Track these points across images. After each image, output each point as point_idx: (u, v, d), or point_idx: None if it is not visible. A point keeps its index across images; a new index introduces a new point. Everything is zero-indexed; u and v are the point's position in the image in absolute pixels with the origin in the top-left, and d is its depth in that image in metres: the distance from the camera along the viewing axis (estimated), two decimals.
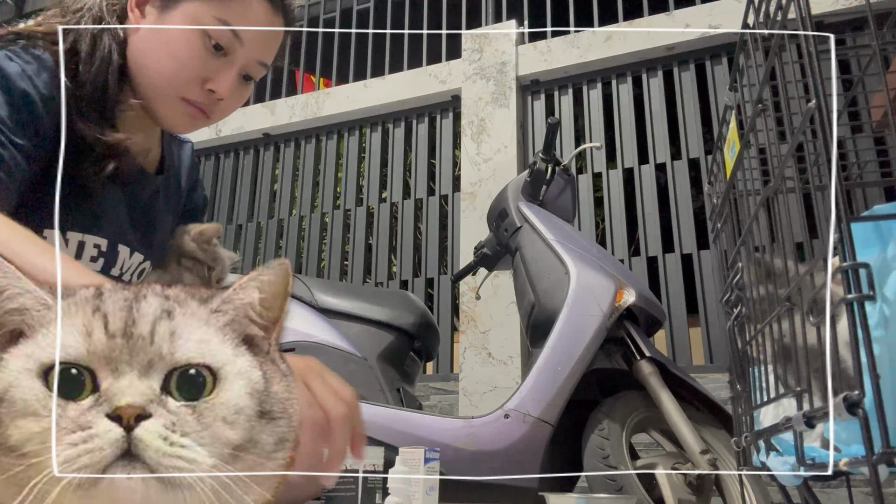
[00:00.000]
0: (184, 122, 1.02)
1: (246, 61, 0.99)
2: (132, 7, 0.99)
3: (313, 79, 4.82)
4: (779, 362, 0.83)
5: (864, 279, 0.57)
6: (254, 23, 0.98)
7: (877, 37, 0.76)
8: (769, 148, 0.90)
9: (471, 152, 3.71)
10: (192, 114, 1.00)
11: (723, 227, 1.16)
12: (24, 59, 0.90)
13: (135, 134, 1.02)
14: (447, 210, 3.95)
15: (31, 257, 0.71)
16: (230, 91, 0.99)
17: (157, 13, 0.97)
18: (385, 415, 1.67)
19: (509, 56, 3.78)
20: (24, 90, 0.88)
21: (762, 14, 0.86)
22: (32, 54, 0.92)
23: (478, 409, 3.17)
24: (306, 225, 4.33)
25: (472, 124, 3.75)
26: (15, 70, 0.89)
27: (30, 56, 0.91)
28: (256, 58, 1.01)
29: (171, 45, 0.95)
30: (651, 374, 1.61)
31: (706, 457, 1.46)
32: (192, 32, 0.94)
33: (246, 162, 4.63)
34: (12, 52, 0.91)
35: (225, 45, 0.96)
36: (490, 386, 3.24)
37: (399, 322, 1.99)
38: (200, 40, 0.95)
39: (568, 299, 1.69)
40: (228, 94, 0.99)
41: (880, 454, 0.55)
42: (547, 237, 1.83)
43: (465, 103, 3.82)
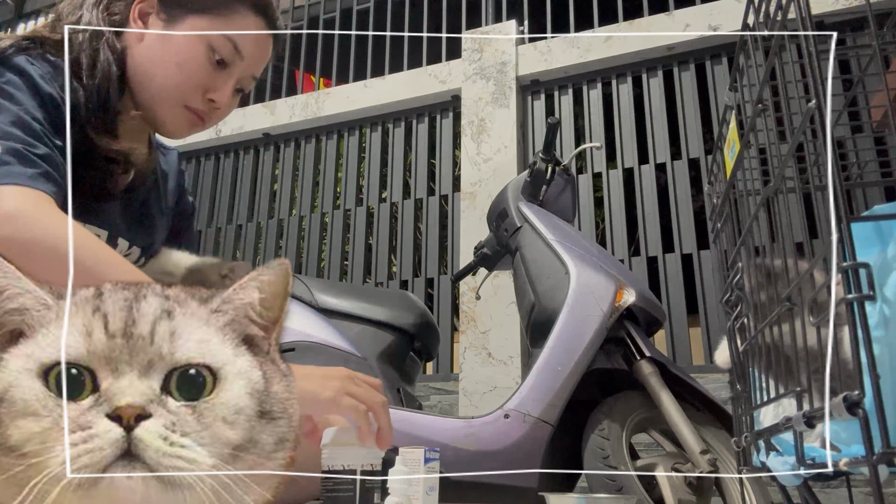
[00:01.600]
0: (183, 129, 1.10)
1: (242, 74, 1.09)
2: (135, 18, 1.04)
3: (313, 79, 4.82)
4: (779, 362, 0.83)
5: (864, 279, 0.57)
6: (252, 40, 1.07)
7: (877, 37, 0.76)
8: (769, 148, 0.90)
9: (471, 152, 3.71)
10: (192, 121, 1.08)
11: (723, 227, 1.16)
12: (43, 65, 0.95)
13: (134, 142, 1.08)
14: (447, 210, 3.95)
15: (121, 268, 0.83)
16: (228, 102, 1.09)
17: (162, 25, 1.04)
18: None
19: (509, 56, 3.78)
20: (51, 93, 0.93)
21: (762, 14, 0.86)
22: (49, 60, 0.96)
23: (478, 409, 3.17)
24: (306, 225, 4.33)
25: (472, 124, 3.75)
26: (39, 73, 0.93)
27: (47, 62, 0.96)
28: (251, 72, 1.10)
29: (179, 56, 1.02)
30: (651, 374, 1.61)
31: (706, 457, 1.46)
32: (198, 46, 1.02)
33: (246, 162, 4.63)
34: (31, 57, 0.95)
35: (227, 60, 1.05)
36: (490, 386, 3.24)
37: (399, 322, 1.99)
38: (206, 53, 1.03)
39: (568, 299, 1.68)
40: (225, 103, 1.08)
41: (880, 454, 0.55)
42: (547, 237, 1.83)
43: (465, 103, 3.82)
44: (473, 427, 1.63)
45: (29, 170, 0.86)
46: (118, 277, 0.78)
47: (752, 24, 0.91)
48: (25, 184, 0.85)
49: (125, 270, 0.87)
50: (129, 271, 0.88)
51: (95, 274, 0.80)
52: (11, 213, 0.82)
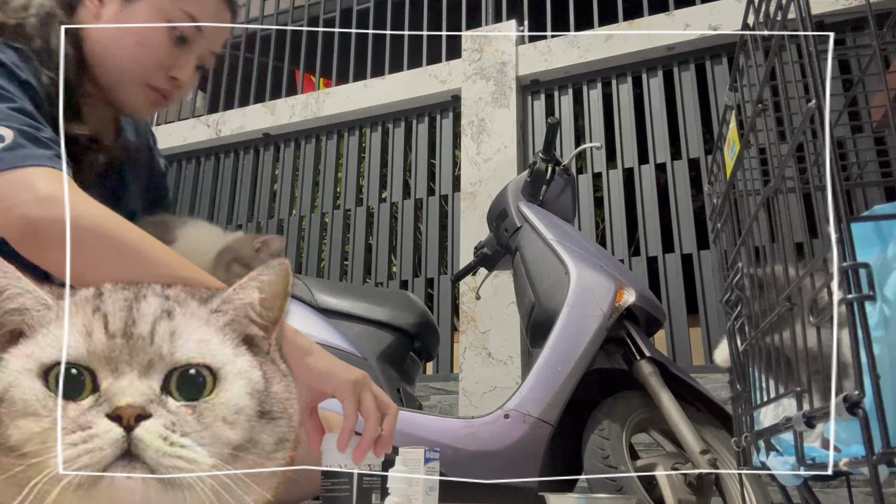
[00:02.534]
0: (147, 108, 1.08)
1: (202, 51, 1.07)
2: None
3: (313, 79, 4.82)
4: (779, 362, 0.83)
5: (864, 279, 0.57)
6: (210, 14, 1.05)
7: (877, 37, 0.76)
8: (769, 148, 0.90)
9: (471, 152, 3.71)
10: (155, 99, 1.06)
11: (723, 227, 1.16)
12: (9, 52, 0.94)
13: (100, 124, 1.07)
14: (447, 210, 3.95)
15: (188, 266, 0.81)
16: (190, 78, 1.07)
17: (119, 3, 1.02)
18: None
19: (509, 56, 3.78)
20: (28, 80, 0.92)
21: (762, 14, 0.86)
22: (14, 48, 0.95)
23: (478, 409, 3.17)
24: (306, 225, 4.33)
25: (472, 124, 3.75)
26: (11, 61, 0.92)
27: (12, 49, 0.94)
28: (211, 48, 1.08)
29: (139, 35, 1.01)
30: (651, 374, 1.61)
31: (706, 457, 1.46)
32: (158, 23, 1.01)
33: (246, 162, 4.63)
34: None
35: (188, 37, 1.03)
36: (490, 386, 3.24)
37: (399, 322, 1.99)
38: (167, 31, 1.02)
39: (568, 299, 1.68)
40: (189, 81, 1.07)
41: (880, 454, 0.55)
42: (547, 237, 1.83)
43: (465, 103, 3.82)
44: (473, 427, 1.63)
45: (46, 151, 0.84)
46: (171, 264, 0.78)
47: (752, 24, 0.91)
48: (48, 165, 0.82)
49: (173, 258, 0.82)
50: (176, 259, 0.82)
51: (150, 261, 0.78)
52: (49, 195, 0.78)
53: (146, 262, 0.77)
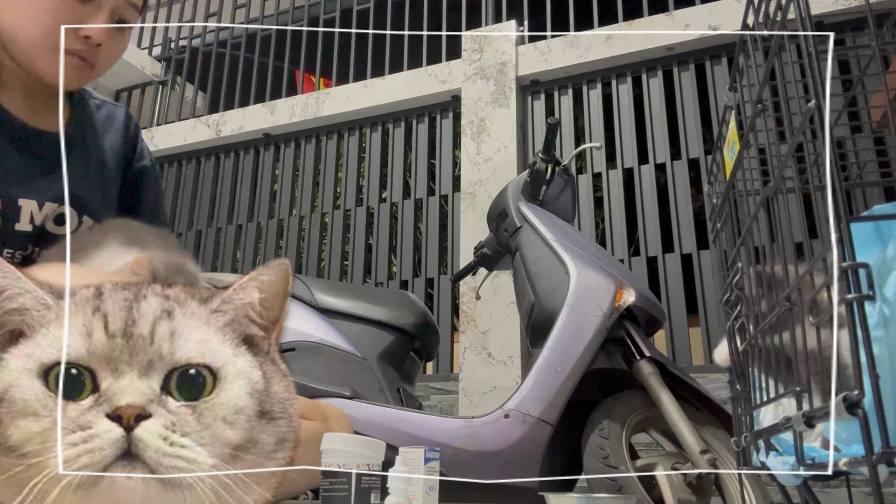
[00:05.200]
0: (69, 76, 1.03)
1: (115, 4, 1.01)
2: None
3: (313, 79, 4.82)
4: (778, 362, 0.83)
5: (863, 279, 0.57)
6: None
7: (877, 37, 0.76)
8: (769, 148, 0.90)
9: (471, 152, 3.71)
10: (76, 65, 1.02)
11: (723, 227, 1.16)
12: None
13: (35, 100, 1.04)
14: (447, 210, 3.95)
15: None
16: (105, 35, 1.01)
17: None
18: (385, 415, 1.67)
19: (509, 56, 3.78)
20: None
21: (762, 14, 0.86)
22: None
23: (478, 409, 3.17)
24: (306, 225, 4.33)
25: (472, 124, 3.75)
26: None
27: None
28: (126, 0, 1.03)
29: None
30: (651, 374, 1.61)
31: (706, 457, 1.46)
32: None
33: (246, 162, 4.63)
34: None
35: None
36: (490, 386, 3.24)
37: (399, 322, 1.99)
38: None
39: (568, 299, 1.69)
40: (104, 38, 1.01)
41: (880, 454, 0.55)
42: (547, 237, 1.83)
43: (465, 103, 3.82)
44: (473, 427, 1.63)
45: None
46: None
47: (751, 25, 0.91)
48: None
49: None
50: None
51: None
52: None
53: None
